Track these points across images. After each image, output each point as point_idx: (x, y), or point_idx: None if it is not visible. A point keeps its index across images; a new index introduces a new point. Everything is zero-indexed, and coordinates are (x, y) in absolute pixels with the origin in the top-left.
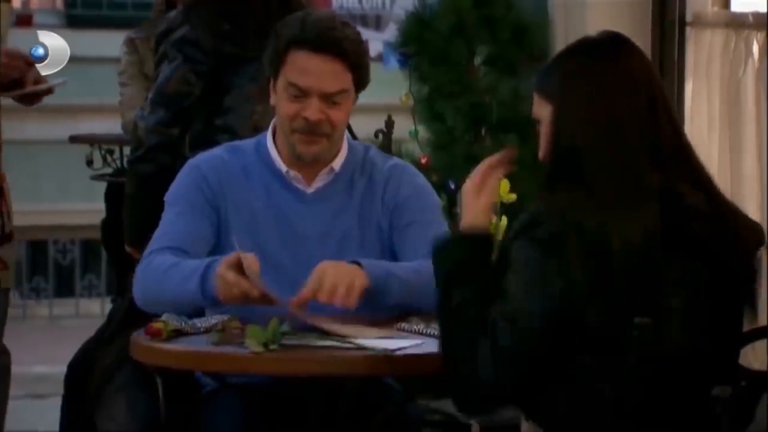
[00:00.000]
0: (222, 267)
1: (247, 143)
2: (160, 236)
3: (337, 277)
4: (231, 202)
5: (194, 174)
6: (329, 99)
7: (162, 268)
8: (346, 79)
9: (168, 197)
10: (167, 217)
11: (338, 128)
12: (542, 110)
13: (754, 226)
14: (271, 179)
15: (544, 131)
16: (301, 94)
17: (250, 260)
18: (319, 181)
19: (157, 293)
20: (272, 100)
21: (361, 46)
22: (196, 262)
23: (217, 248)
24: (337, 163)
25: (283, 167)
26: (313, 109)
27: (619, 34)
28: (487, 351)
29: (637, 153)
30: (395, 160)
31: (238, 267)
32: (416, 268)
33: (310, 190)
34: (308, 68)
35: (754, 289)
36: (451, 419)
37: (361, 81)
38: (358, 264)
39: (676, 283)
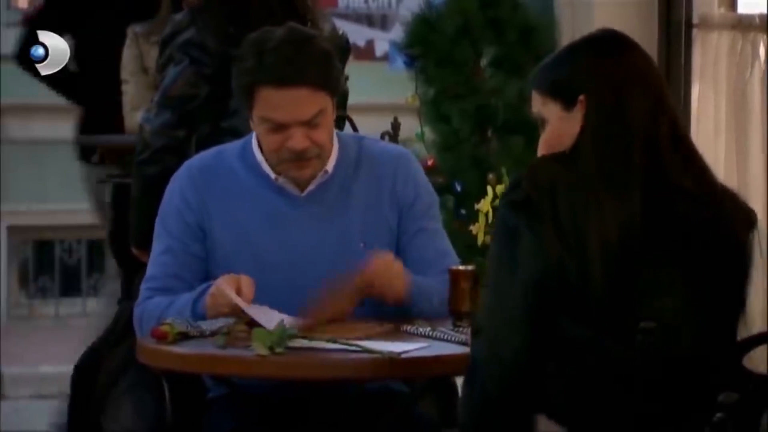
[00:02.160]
0: (214, 287)
1: (232, 148)
2: (148, 279)
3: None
4: (216, 218)
5: (175, 200)
6: (309, 123)
7: (160, 308)
8: (320, 99)
9: (156, 222)
10: (154, 255)
11: (325, 146)
12: (549, 109)
13: (745, 209)
14: (261, 185)
15: (550, 130)
16: (279, 127)
17: (245, 283)
18: (312, 185)
19: None
20: (252, 126)
21: (327, 58)
22: (188, 294)
23: (209, 265)
24: (330, 165)
25: (272, 174)
26: (296, 139)
27: (617, 31)
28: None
29: (632, 141)
30: (393, 148)
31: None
32: (437, 289)
33: (303, 194)
34: (278, 103)
35: (745, 294)
36: None
37: (335, 89)
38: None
39: (666, 283)
